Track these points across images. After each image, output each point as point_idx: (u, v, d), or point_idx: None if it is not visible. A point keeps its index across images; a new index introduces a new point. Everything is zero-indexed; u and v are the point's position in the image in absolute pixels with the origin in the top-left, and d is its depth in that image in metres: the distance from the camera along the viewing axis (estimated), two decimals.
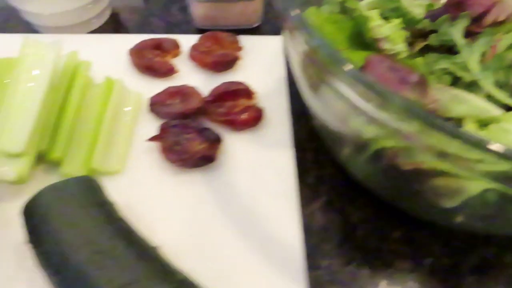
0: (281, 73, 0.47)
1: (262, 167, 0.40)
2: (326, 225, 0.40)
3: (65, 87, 0.41)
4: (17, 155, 0.35)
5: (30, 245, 0.30)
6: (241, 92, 0.43)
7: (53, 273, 0.28)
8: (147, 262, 0.28)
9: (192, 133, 0.40)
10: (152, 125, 0.43)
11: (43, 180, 0.38)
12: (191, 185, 0.39)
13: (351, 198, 0.42)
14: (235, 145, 0.42)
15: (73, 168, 0.38)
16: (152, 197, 0.38)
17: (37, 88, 0.37)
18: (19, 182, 0.35)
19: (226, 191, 0.39)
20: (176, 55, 0.47)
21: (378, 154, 0.35)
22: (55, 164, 0.39)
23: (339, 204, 0.41)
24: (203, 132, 0.40)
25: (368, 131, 0.34)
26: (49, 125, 0.38)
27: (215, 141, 0.40)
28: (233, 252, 0.35)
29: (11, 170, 0.35)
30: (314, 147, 0.45)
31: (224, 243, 0.36)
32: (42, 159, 0.39)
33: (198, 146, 0.40)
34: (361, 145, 0.36)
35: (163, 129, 0.40)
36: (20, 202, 0.37)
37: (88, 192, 0.32)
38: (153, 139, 0.40)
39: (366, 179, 0.39)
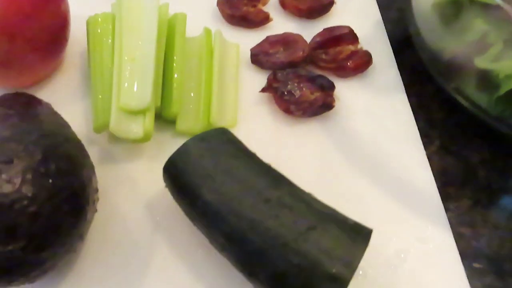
0: (377, 15, 0.45)
1: (378, 112, 0.39)
2: (445, 168, 0.39)
3: (165, 41, 0.39)
4: (141, 112, 0.33)
5: (183, 200, 0.29)
6: (345, 37, 0.41)
7: (216, 225, 0.27)
8: (316, 208, 0.27)
9: (304, 82, 0.38)
10: (256, 77, 0.41)
11: (159, 138, 0.37)
12: (310, 134, 0.38)
13: (466, 140, 0.41)
14: (345, 92, 0.40)
15: (189, 124, 0.36)
16: (271, 148, 0.37)
17: (147, 41, 0.35)
18: (145, 139, 0.34)
19: (348, 138, 0.37)
20: (265, 3, 0.45)
21: None
22: (167, 122, 0.37)
23: (454, 147, 0.40)
24: (315, 80, 0.38)
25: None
26: (159, 81, 0.37)
27: (330, 88, 0.38)
28: (369, 197, 0.35)
29: (138, 127, 0.33)
30: (416, 92, 0.43)
31: (357, 189, 0.35)
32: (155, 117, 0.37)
33: (312, 94, 0.38)
34: (493, 81, 0.35)
35: (273, 79, 0.39)
36: (141, 161, 0.36)
37: (232, 143, 0.30)
38: (265, 90, 0.38)
39: (491, 116, 0.37)
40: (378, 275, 0.31)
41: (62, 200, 0.25)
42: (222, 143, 0.30)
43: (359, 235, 0.26)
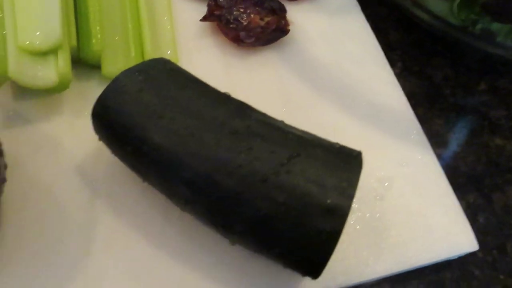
0: None
1: (338, 36, 0.34)
2: (411, 90, 0.36)
3: None
4: (51, 51, 0.26)
5: (123, 149, 0.23)
6: None
7: (173, 173, 0.21)
8: (294, 134, 0.22)
9: (251, 6, 0.33)
10: (192, 6, 0.34)
11: (81, 88, 0.29)
12: (266, 64, 0.32)
13: (426, 59, 0.38)
14: (298, 16, 0.35)
15: (118, 66, 0.29)
16: (223, 85, 0.30)
17: None
18: (62, 87, 0.26)
19: (310, 66, 0.33)
20: None
21: None
22: (89, 67, 0.30)
23: (416, 68, 0.38)
24: (263, 3, 0.33)
25: None
26: (70, 14, 0.29)
27: (281, 10, 0.33)
28: (341, 127, 0.30)
29: (50, 71, 0.25)
30: (369, 15, 0.39)
31: (327, 119, 0.31)
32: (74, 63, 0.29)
33: (262, 20, 0.33)
34: None
35: (215, 6, 0.32)
36: (61, 118, 0.28)
37: (177, 72, 0.24)
38: (207, 18, 0.32)
39: (454, 26, 0.34)
40: (365, 209, 0.28)
41: None
42: (164, 73, 0.24)
43: (350, 158, 0.22)
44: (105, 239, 0.25)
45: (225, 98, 0.24)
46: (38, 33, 0.25)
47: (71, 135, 0.28)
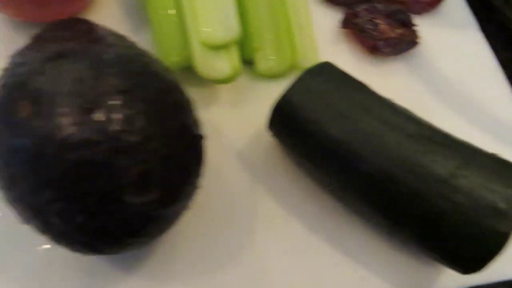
0: None
1: (457, 50, 0.37)
2: None
3: None
4: (230, 44, 0.28)
5: (301, 143, 0.25)
6: None
7: (353, 168, 0.24)
8: (458, 141, 0.25)
9: (382, 17, 0.35)
10: (325, 14, 0.37)
11: (240, 82, 0.32)
12: (396, 73, 0.35)
13: None
14: (420, 30, 0.37)
15: (271, 64, 0.32)
16: None
17: None
18: (231, 78, 0.29)
19: (432, 77, 0.35)
20: None
21: None
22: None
23: None
24: (395, 15, 0.35)
25: None
26: None
27: (410, 23, 0.35)
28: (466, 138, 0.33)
29: (225, 63, 0.28)
30: None
31: (451, 131, 0.33)
32: None
33: (392, 31, 0.35)
34: None
35: (353, 15, 0.35)
36: (218, 108, 0.31)
37: (348, 76, 0.27)
38: (346, 26, 0.35)
39: None
40: None
41: (187, 141, 0.21)
42: (340, 76, 0.26)
43: (510, 167, 0.24)
44: (266, 221, 0.27)
45: (391, 103, 0.26)
46: (220, 28, 0.28)
47: (229, 123, 0.30)
